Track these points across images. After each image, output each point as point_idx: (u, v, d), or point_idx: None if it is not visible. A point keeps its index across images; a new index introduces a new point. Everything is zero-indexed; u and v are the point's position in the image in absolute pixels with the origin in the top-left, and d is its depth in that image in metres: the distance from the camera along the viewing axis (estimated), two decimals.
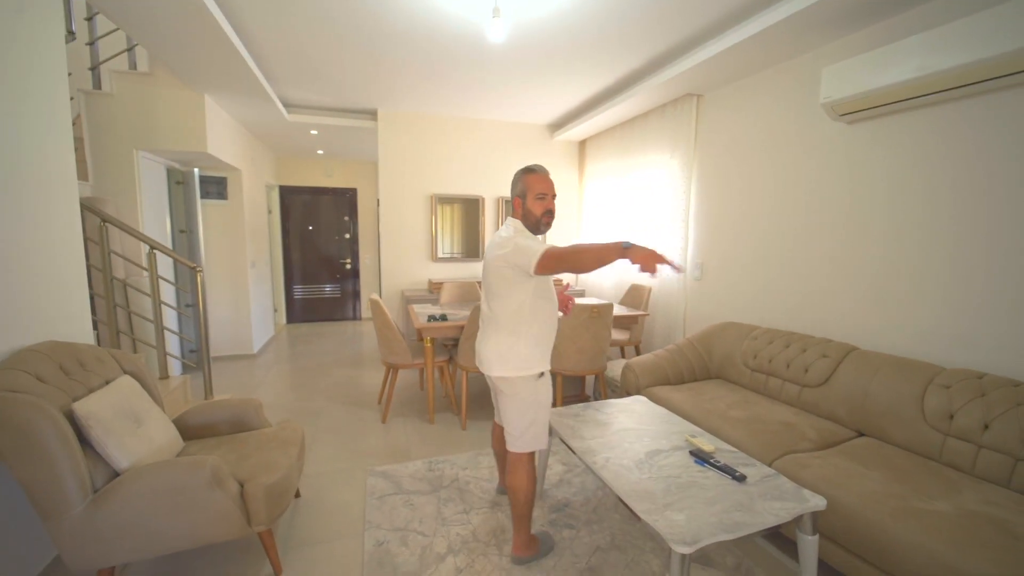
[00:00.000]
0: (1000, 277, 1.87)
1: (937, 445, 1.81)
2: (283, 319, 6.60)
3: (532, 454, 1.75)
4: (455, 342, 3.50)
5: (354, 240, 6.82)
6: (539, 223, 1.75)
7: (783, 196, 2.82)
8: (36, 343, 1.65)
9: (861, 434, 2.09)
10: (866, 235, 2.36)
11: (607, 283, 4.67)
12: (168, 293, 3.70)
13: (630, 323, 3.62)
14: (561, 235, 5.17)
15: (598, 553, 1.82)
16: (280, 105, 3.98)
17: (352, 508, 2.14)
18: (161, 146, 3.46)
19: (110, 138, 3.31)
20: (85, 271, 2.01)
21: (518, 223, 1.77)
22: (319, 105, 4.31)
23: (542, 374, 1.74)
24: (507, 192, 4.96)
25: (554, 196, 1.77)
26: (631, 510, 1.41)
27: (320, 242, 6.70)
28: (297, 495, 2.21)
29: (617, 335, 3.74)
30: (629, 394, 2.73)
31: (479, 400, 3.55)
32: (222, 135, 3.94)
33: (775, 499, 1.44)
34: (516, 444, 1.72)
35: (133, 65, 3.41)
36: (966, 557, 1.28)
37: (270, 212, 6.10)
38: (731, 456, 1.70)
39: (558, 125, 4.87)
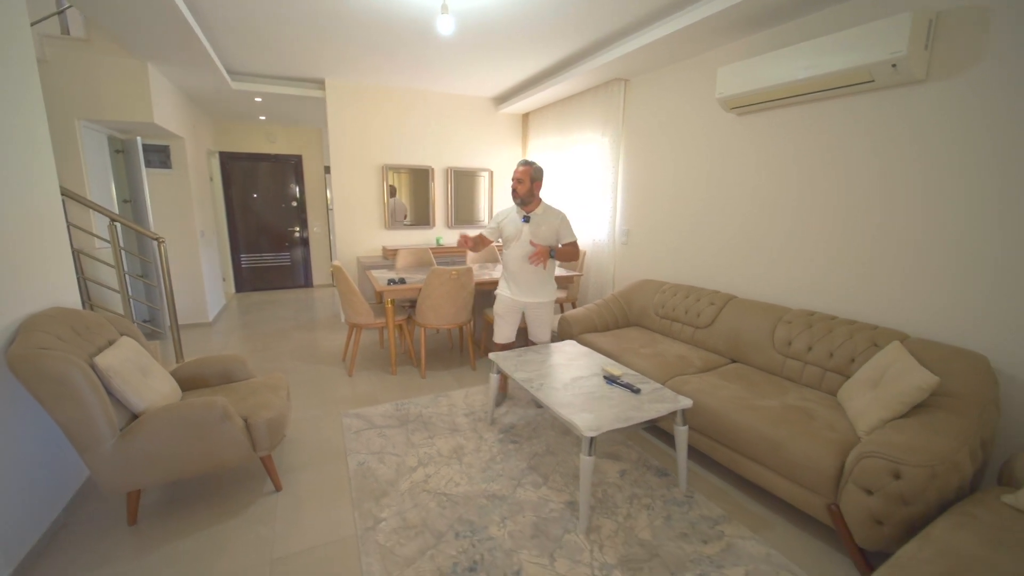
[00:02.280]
0: (829, 239, 2.52)
1: (780, 364, 2.48)
2: (232, 288, 6.59)
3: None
4: (412, 303, 3.86)
5: (301, 208, 6.83)
6: (514, 194, 2.81)
7: (689, 172, 3.38)
8: (44, 309, 1.87)
9: (734, 361, 2.74)
10: (746, 206, 2.96)
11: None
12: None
13: (567, 283, 4.14)
14: (506, 202, 5.54)
15: (536, 457, 2.36)
16: (225, 73, 3.98)
17: (333, 442, 2.54)
18: (104, 116, 3.44)
19: (47, 108, 3.24)
20: (69, 243, 2.18)
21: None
22: (265, 73, 4.32)
23: (495, 295, 3.00)
24: (456, 162, 5.26)
25: (517, 179, 2.77)
26: (557, 415, 1.92)
27: (266, 210, 6.65)
28: (283, 436, 2.57)
29: (557, 293, 4.25)
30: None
31: (436, 353, 3.98)
32: (166, 103, 3.91)
33: (658, 402, 2.01)
34: None
35: (65, 29, 3.31)
36: (776, 430, 1.91)
37: (211, 179, 5.97)
38: (633, 378, 2.26)
39: (503, 99, 5.16)
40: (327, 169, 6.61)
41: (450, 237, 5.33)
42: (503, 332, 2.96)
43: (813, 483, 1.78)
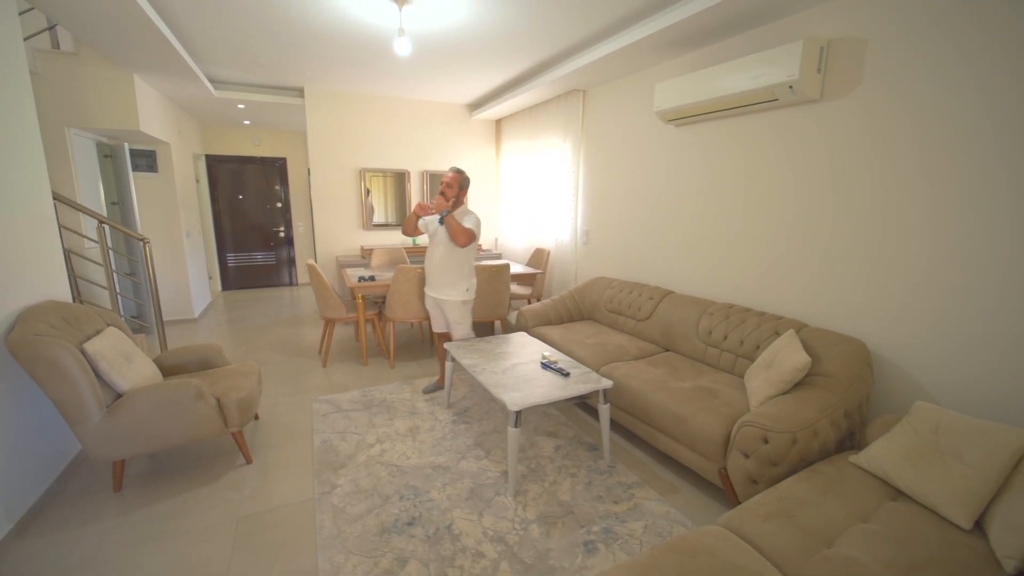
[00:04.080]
0: (749, 239, 2.81)
1: (702, 351, 2.77)
2: (218, 286, 6.82)
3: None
4: (383, 299, 4.13)
5: (286, 208, 7.06)
6: (442, 198, 2.88)
7: (638, 177, 3.66)
8: (39, 302, 2.12)
9: (667, 350, 3.03)
10: (684, 209, 3.25)
11: (519, 247, 5.44)
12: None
13: (530, 280, 4.42)
14: (480, 204, 5.85)
15: (483, 435, 2.64)
16: (208, 83, 4.22)
17: (302, 424, 2.80)
18: (92, 124, 3.67)
19: (39, 117, 3.47)
20: (60, 244, 2.43)
21: None
22: (246, 82, 4.56)
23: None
24: (431, 166, 5.52)
25: (447, 184, 2.89)
26: (490, 392, 2.20)
27: (251, 210, 6.88)
28: (256, 417, 2.84)
29: (522, 290, 4.55)
30: None
31: (407, 346, 4.26)
32: (152, 111, 4.15)
33: (583, 383, 2.29)
34: None
35: (56, 44, 3.54)
36: (683, 406, 2.20)
37: (198, 181, 6.20)
38: (567, 363, 2.54)
39: (476, 105, 5.42)
40: (311, 173, 6.85)
41: (426, 237, 5.59)
42: (435, 323, 3.20)
43: (708, 451, 2.07)
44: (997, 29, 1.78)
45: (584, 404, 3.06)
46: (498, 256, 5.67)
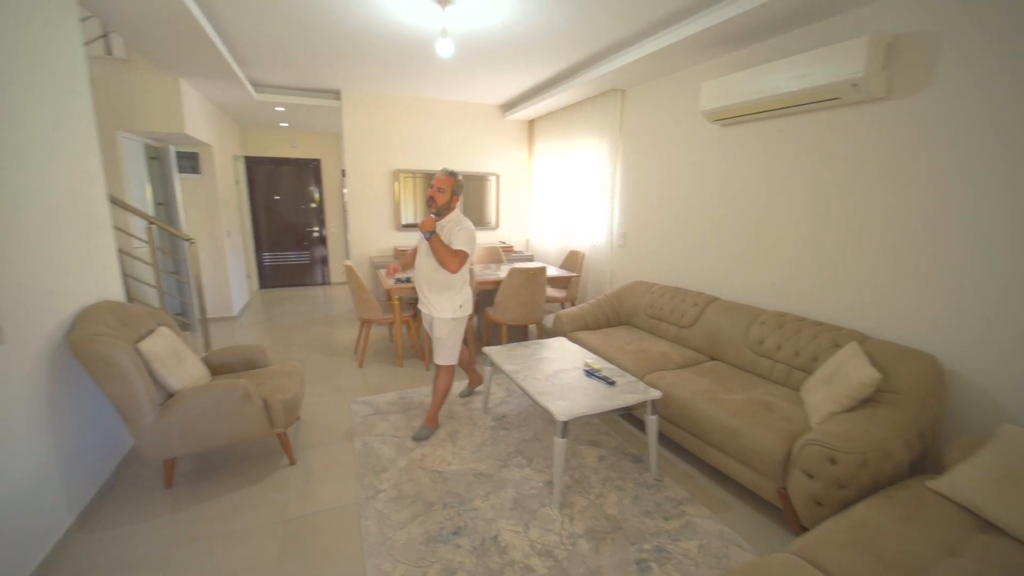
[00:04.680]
0: (803, 245, 2.68)
1: (752, 361, 2.65)
2: (255, 285, 6.98)
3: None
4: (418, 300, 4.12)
5: (320, 209, 7.18)
6: (431, 202, 2.59)
7: (679, 179, 3.55)
8: (95, 302, 2.17)
9: (712, 358, 2.92)
10: (730, 213, 3.13)
11: (552, 248, 5.37)
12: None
13: (565, 283, 4.35)
14: (512, 205, 5.81)
15: (523, 442, 2.59)
16: (249, 86, 4.30)
17: (342, 425, 2.81)
18: (141, 128, 3.78)
19: None
20: (115, 246, 2.49)
21: None
22: (286, 85, 4.64)
23: None
24: (465, 166, 5.50)
25: (438, 188, 2.55)
26: (535, 401, 2.15)
27: (287, 211, 7.02)
28: (297, 418, 2.86)
29: (556, 293, 4.48)
30: None
31: None
32: (196, 114, 4.25)
33: (630, 393, 2.21)
34: None
35: (108, 50, 3.66)
36: (737, 420, 2.10)
37: (237, 182, 6.35)
38: (611, 371, 2.47)
39: (509, 106, 5.38)
40: (343, 172, 6.95)
41: None
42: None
43: (765, 468, 1.96)
44: None
45: (626, 413, 2.97)
46: (530, 258, 5.62)
